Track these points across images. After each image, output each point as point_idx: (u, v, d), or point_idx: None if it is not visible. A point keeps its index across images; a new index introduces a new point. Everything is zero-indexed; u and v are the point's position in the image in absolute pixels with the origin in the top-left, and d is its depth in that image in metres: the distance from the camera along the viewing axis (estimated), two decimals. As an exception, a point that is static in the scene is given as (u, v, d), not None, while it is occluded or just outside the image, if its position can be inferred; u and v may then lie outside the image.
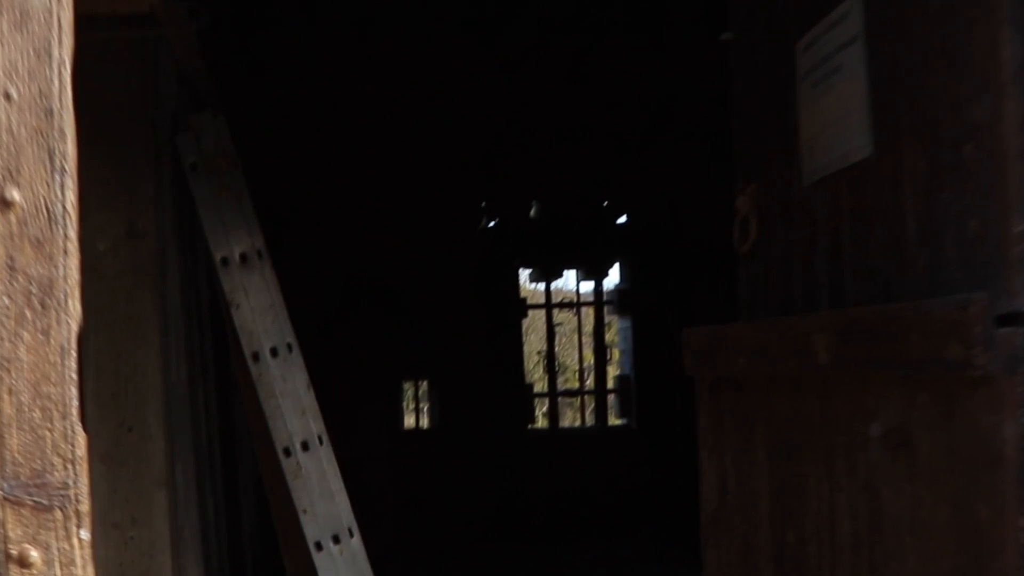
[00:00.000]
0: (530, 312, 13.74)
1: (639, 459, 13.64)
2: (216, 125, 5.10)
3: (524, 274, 14.21)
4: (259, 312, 4.97)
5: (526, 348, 14.03)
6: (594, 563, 11.57)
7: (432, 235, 13.48)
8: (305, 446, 5.02)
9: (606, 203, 13.46)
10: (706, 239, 13.12)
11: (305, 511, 4.93)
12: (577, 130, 13.48)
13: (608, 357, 11.80)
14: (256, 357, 4.97)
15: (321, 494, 4.98)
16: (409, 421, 14.37)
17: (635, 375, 13.87)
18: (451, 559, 12.12)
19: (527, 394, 13.54)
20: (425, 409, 14.33)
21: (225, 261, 4.98)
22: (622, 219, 13.73)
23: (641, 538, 12.76)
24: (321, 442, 5.06)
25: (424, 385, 13.96)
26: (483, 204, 13.57)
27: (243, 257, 5.02)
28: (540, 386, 13.95)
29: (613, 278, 14.28)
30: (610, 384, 12.81)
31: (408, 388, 13.91)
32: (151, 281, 4.61)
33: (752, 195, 3.76)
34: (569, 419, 18.34)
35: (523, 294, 13.85)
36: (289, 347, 5.06)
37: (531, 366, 15.38)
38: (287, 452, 4.96)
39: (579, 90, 13.13)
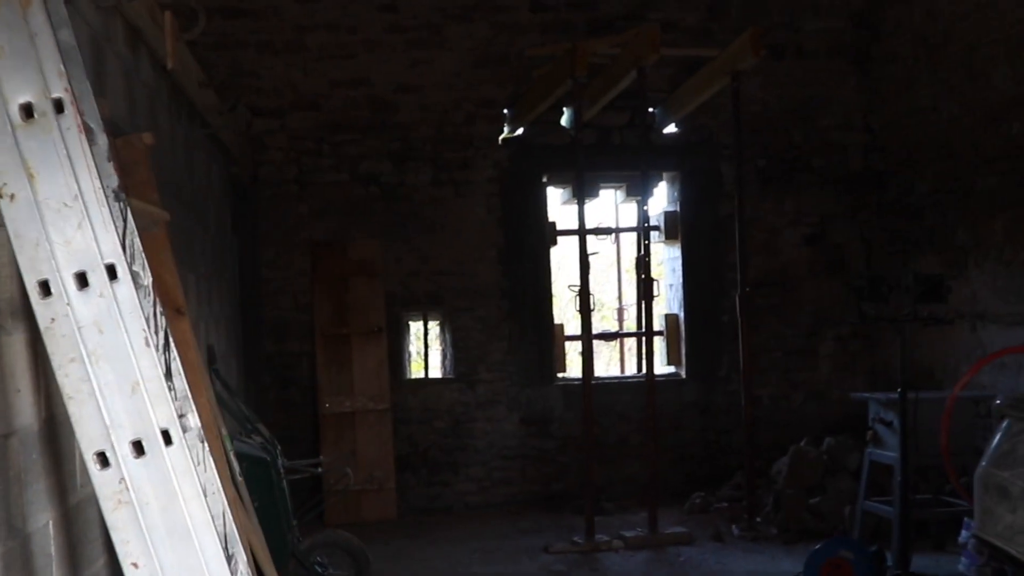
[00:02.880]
0: (561, 239, 11.83)
1: (689, 414, 11.61)
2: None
3: (555, 194, 12.24)
4: (53, 207, 2.77)
5: (556, 282, 11.91)
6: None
7: (444, 145, 11.26)
8: (139, 448, 2.82)
9: (652, 109, 11.17)
10: (776, 151, 11.87)
11: (137, 565, 2.77)
12: (618, 18, 11.20)
13: (654, 293, 9.59)
14: (45, 289, 2.78)
15: (169, 533, 2.80)
16: (415, 368, 12.18)
17: (685, 315, 11.83)
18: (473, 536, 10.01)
19: (556, 336, 11.68)
20: (434, 352, 12.14)
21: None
22: (670, 128, 11.44)
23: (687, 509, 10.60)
24: (170, 440, 2.86)
25: (433, 326, 11.75)
26: (505, 111, 11.25)
27: (27, 111, 2.81)
28: (572, 327, 11.74)
29: (659, 200, 12.27)
30: (656, 325, 10.63)
31: (415, 325, 11.70)
32: None
33: None
34: (605, 366, 16.28)
35: (552, 218, 11.87)
36: (112, 271, 2.85)
37: (562, 303, 13.21)
38: (102, 460, 2.78)
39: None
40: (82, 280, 2.86)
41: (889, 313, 7.59)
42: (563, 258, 12.85)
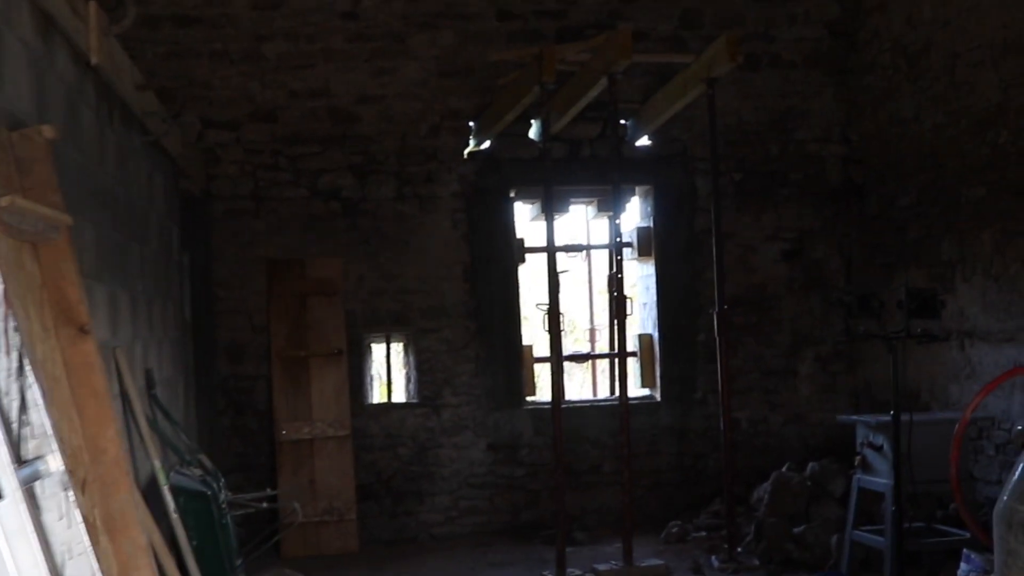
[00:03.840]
0: (529, 257, 11.43)
1: (664, 439, 11.24)
2: None
3: (523, 210, 11.82)
4: None
5: (524, 301, 11.57)
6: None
7: (408, 158, 10.84)
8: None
9: (624, 121, 10.77)
10: (753, 164, 11.52)
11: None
12: (588, 27, 10.81)
13: (627, 312, 9.14)
14: None
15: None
16: (378, 392, 11.68)
17: (660, 335, 11.38)
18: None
19: (525, 358, 11.21)
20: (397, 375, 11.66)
21: None
22: (643, 141, 11.03)
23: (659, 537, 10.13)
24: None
25: (397, 347, 11.32)
26: (471, 123, 10.87)
27: None
28: (541, 348, 11.27)
29: (632, 215, 11.82)
30: (629, 346, 10.17)
31: (377, 347, 11.28)
32: None
33: None
34: (576, 389, 15.83)
35: (521, 234, 11.44)
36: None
37: (531, 324, 12.78)
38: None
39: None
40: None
41: (880, 330, 7.14)
42: (532, 276, 12.42)
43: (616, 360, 9.82)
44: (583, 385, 15.77)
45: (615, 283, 9.22)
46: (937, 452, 7.64)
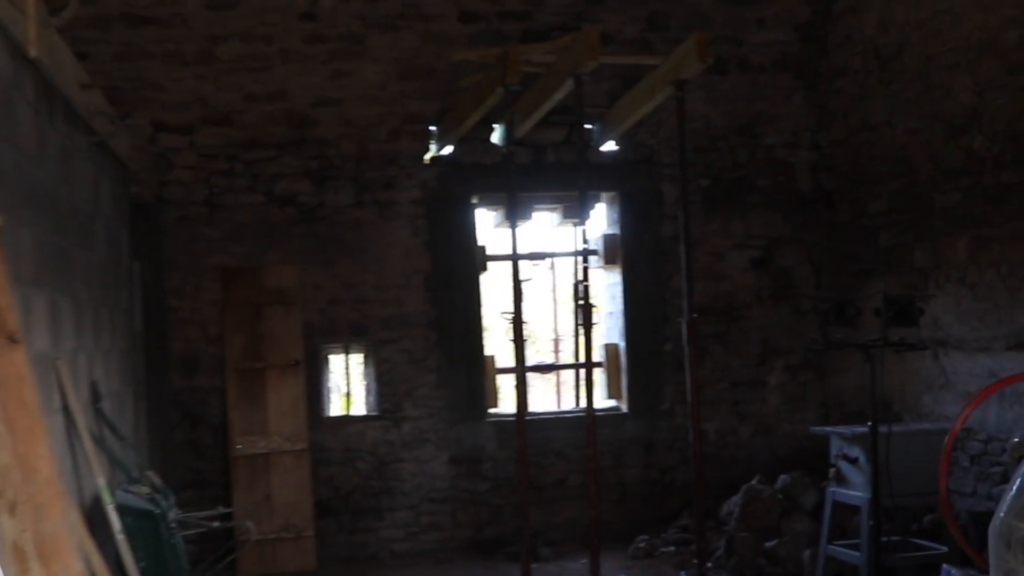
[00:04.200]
0: (492, 265, 11.15)
1: (631, 451, 11.02)
2: None
3: (485, 217, 11.47)
4: None
5: (487, 311, 11.33)
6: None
7: (367, 163, 10.62)
8: None
9: (589, 125, 10.49)
10: (721, 170, 11.29)
11: None
12: (553, 29, 10.56)
13: (592, 322, 8.87)
14: None
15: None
16: (336, 405, 11.34)
17: (626, 344, 11.14)
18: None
19: (488, 369, 10.92)
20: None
21: None
22: (609, 146, 10.75)
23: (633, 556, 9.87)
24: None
25: (356, 358, 11.01)
26: (433, 127, 10.59)
27: None
28: (504, 359, 11.00)
29: (598, 222, 11.54)
30: (594, 356, 9.92)
31: (336, 358, 10.98)
32: None
33: None
34: (540, 400, 15.51)
35: (483, 242, 11.16)
36: None
37: (494, 334, 12.50)
38: None
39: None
40: None
41: (857, 338, 6.90)
42: (495, 285, 12.16)
43: (583, 371, 9.53)
44: (546, 396, 15.47)
45: (582, 291, 8.94)
46: (915, 465, 7.42)
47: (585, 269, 8.96)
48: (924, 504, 8.09)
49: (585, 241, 9.11)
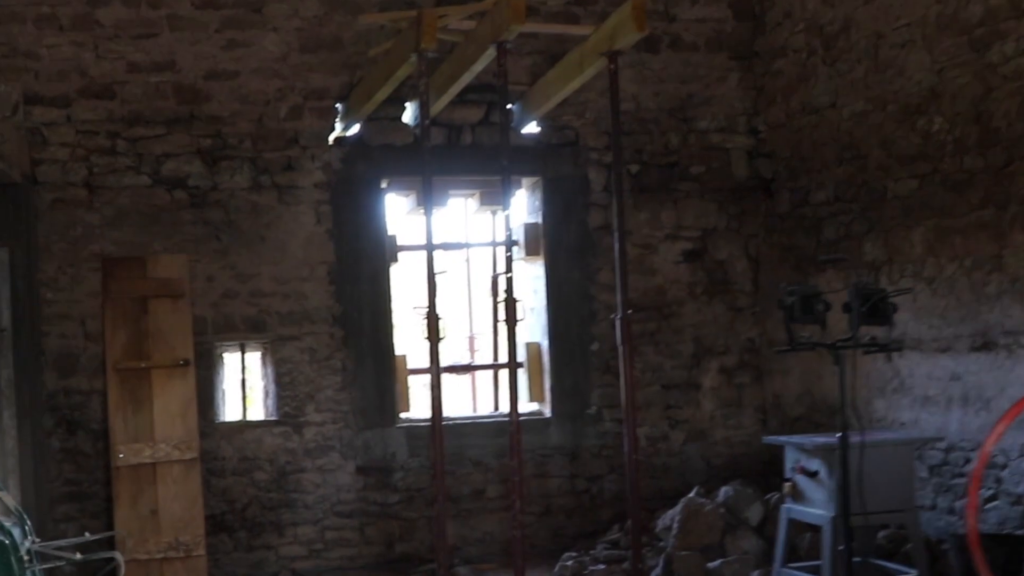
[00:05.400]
0: (403, 255, 10.48)
1: (555, 460, 10.35)
2: None
3: (396, 203, 10.80)
4: None
5: (397, 305, 10.66)
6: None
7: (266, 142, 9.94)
8: None
9: (510, 105, 9.73)
10: (651, 156, 10.58)
11: None
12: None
13: (517, 318, 8.09)
14: None
15: None
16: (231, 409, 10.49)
17: (550, 343, 10.44)
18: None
19: (399, 369, 10.23)
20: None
21: None
22: (531, 128, 10.13)
23: None
24: None
25: (253, 357, 10.24)
26: (338, 105, 9.93)
27: None
28: (416, 359, 10.41)
29: (518, 210, 10.86)
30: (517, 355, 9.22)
31: (231, 357, 10.20)
32: None
33: None
34: (453, 403, 14.80)
35: (393, 231, 10.46)
36: None
37: (404, 331, 11.78)
38: None
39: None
40: None
41: (825, 338, 6.15)
42: (406, 278, 11.47)
43: (506, 371, 8.78)
44: (461, 400, 14.70)
45: (505, 284, 8.13)
46: (880, 479, 6.71)
47: (508, 259, 8.16)
48: (893, 523, 7.43)
49: (508, 229, 8.30)
